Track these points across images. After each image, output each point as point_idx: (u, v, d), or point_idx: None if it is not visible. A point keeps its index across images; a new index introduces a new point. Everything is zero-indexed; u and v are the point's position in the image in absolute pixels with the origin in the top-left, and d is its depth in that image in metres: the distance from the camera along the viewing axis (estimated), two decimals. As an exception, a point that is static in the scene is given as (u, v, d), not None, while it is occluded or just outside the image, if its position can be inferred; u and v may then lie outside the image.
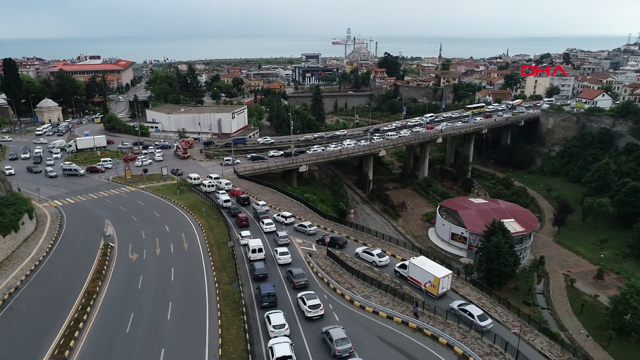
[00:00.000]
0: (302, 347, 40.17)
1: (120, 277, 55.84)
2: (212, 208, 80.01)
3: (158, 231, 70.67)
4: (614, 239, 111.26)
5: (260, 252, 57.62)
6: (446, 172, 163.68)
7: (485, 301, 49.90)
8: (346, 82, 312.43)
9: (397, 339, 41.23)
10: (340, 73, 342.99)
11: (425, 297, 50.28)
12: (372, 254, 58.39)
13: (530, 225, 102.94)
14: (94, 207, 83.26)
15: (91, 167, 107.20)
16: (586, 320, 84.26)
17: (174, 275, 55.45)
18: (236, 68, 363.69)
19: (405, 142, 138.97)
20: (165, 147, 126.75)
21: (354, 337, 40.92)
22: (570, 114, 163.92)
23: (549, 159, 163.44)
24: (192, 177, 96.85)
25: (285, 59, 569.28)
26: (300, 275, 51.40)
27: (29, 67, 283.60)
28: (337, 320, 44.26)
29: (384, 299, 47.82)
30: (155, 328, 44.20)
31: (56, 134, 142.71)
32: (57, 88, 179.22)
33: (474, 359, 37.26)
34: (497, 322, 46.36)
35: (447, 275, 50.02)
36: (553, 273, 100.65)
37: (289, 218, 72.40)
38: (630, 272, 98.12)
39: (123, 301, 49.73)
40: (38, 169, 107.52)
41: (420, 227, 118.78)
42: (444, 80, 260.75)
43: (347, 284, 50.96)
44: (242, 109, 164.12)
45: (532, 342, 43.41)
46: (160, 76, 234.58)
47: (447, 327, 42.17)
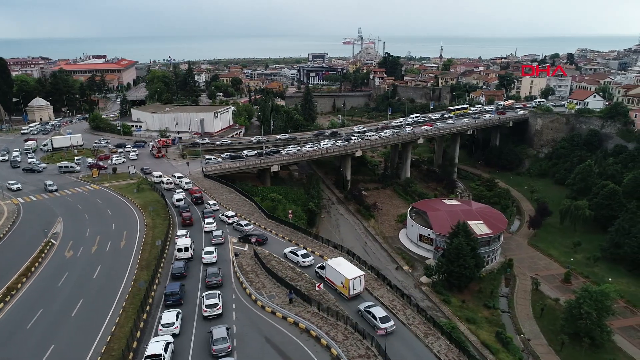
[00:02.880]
0: (187, 346, 40.42)
1: (47, 273, 56.77)
2: (164, 207, 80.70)
3: (103, 229, 71.61)
4: (590, 242, 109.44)
5: (186, 251, 57.95)
6: (433, 173, 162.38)
7: (397, 303, 49.42)
8: (347, 82, 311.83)
9: (282, 339, 41.23)
10: (343, 73, 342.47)
11: (338, 298, 50.10)
12: (297, 254, 58.34)
13: (499, 228, 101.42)
14: (53, 205, 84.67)
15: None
16: (545, 324, 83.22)
17: (98, 273, 56.15)
18: (237, 68, 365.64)
19: (382, 143, 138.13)
20: (140, 146, 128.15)
21: (242, 337, 41.05)
22: (559, 115, 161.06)
23: (537, 161, 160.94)
24: (155, 175, 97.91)
25: (293, 59, 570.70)
26: (212, 275, 51.65)
27: (33, 67, 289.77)
28: (233, 320, 44.41)
29: (287, 299, 47.73)
30: (56, 324, 44.87)
31: (41, 132, 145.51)
32: (50, 87, 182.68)
33: None
34: (403, 324, 45.93)
35: (358, 277, 49.60)
36: (521, 276, 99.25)
37: (231, 217, 72.78)
38: (600, 276, 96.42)
39: (38, 297, 50.56)
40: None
41: (392, 228, 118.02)
42: (442, 81, 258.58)
43: (259, 284, 51.03)
44: (227, 108, 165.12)
45: (431, 345, 42.89)
46: (157, 76, 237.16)
47: (334, 328, 41.92)
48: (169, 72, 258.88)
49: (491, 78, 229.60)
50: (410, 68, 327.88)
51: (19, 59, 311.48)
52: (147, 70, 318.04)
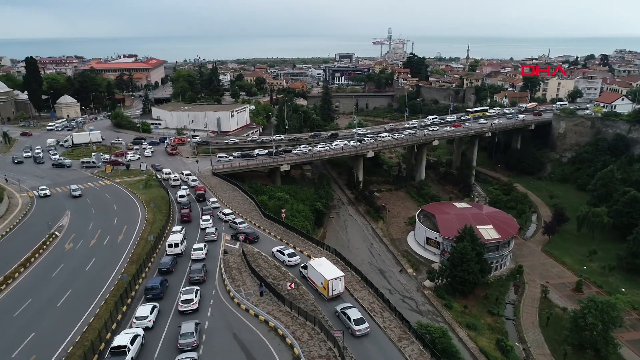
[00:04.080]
0: (159, 339, 41.34)
1: (44, 264, 59.06)
2: (167, 203, 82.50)
3: (105, 224, 73.89)
4: (607, 250, 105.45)
5: (176, 247, 59.23)
6: (450, 176, 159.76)
7: (376, 305, 49.07)
8: (371, 82, 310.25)
9: (249, 337, 41.72)
10: (367, 73, 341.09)
11: (318, 298, 50.21)
12: (283, 253, 58.68)
13: (508, 233, 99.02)
14: (64, 199, 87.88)
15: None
16: (550, 333, 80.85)
17: (91, 266, 58.04)
18: (262, 67, 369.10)
19: (396, 144, 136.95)
20: (156, 144, 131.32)
21: (212, 332, 41.76)
22: (583, 119, 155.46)
23: (559, 165, 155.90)
24: (165, 172, 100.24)
25: (321, 59, 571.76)
26: (195, 271, 52.63)
27: (67, 65, 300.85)
28: (208, 316, 45.21)
29: (264, 297, 48.10)
30: (41, 313, 46.68)
31: (66, 128, 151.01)
32: (78, 85, 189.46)
33: None
34: (378, 326, 45.62)
35: (337, 278, 49.47)
36: (531, 283, 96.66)
37: (228, 215, 73.80)
38: (614, 286, 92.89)
39: (31, 287, 52.67)
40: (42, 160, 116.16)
41: (401, 230, 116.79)
42: (467, 82, 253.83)
43: (240, 282, 51.63)
44: (243, 108, 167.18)
45: (403, 349, 42.42)
46: (182, 75, 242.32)
47: (301, 328, 41.99)
48: (193, 71, 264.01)
49: (517, 80, 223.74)
50: (435, 69, 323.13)
51: (55, 58, 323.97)
52: (173, 69, 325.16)
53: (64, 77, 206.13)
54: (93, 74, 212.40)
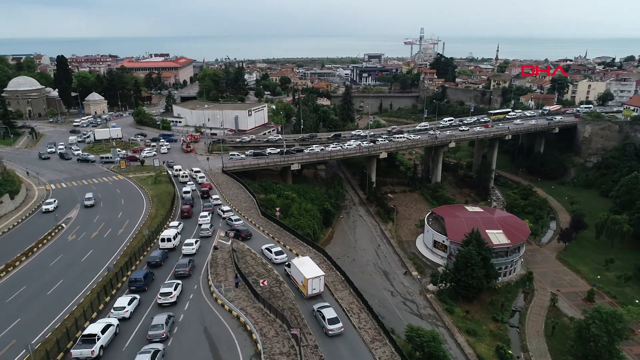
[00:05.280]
0: (133, 330, 42.61)
1: (45, 254, 61.63)
2: (172, 198, 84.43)
3: (110, 217, 76.38)
4: (626, 260, 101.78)
5: (168, 241, 60.73)
6: (469, 179, 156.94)
7: (355, 306, 48.93)
8: (397, 82, 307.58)
9: (219, 331, 42.52)
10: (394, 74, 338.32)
11: (299, 296, 50.54)
12: (271, 251, 59.21)
13: (518, 238, 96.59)
14: (78, 192, 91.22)
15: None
16: (555, 343, 78.81)
17: (87, 257, 60.21)
18: (288, 67, 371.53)
19: (410, 145, 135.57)
20: (172, 141, 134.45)
21: (184, 325, 42.76)
22: (610, 122, 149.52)
23: (583, 170, 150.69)
24: (175, 168, 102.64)
25: (350, 59, 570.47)
26: (181, 265, 53.85)
27: (101, 64, 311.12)
28: (184, 309, 46.27)
29: (241, 293, 48.75)
30: (30, 301, 48.82)
31: (91, 125, 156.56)
32: (106, 83, 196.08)
33: (265, 357, 37.41)
34: (354, 327, 45.55)
35: (317, 277, 49.59)
36: (541, 291, 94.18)
37: (226, 212, 75.00)
38: (629, 297, 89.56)
39: (27, 276, 55.09)
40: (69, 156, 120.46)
41: (411, 232, 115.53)
42: (494, 83, 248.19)
43: (222, 277, 52.49)
44: (261, 107, 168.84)
45: (374, 350, 42.22)
46: (208, 74, 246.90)
47: (269, 325, 42.33)
48: (219, 71, 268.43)
49: (545, 81, 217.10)
50: (463, 69, 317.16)
51: (90, 57, 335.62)
52: (200, 68, 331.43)
53: (93, 75, 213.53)
54: (121, 73, 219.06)
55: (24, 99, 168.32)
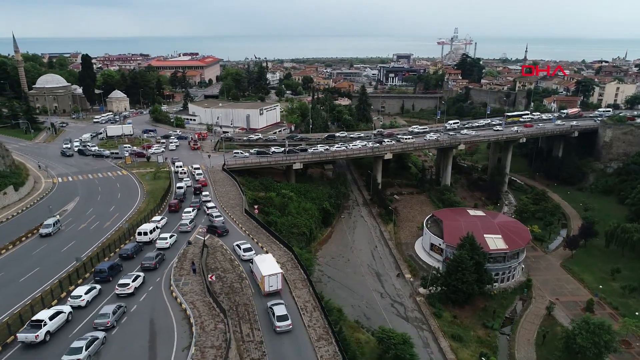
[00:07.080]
0: (85, 318, 44.29)
1: (31, 244, 64.54)
2: (164, 194, 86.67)
3: (102, 210, 79.18)
4: (635, 270, 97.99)
5: (145, 235, 62.52)
6: (482, 182, 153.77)
7: (310, 305, 49.05)
8: (421, 83, 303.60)
9: (164, 322, 43.55)
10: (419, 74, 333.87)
11: (257, 293, 51.18)
12: (240, 247, 59.97)
13: (517, 244, 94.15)
14: (81, 186, 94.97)
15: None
16: (544, 352, 77.06)
17: (69, 247, 62.72)
18: (312, 67, 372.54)
19: (417, 147, 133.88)
20: (182, 138, 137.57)
21: (133, 316, 44.04)
22: (633, 127, 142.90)
23: (603, 176, 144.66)
24: (176, 165, 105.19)
25: (379, 59, 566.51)
26: (147, 259, 55.39)
27: (132, 62, 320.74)
28: (140, 300, 47.68)
29: (197, 287, 49.70)
30: (7, 286, 51.29)
31: (110, 121, 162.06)
32: (130, 81, 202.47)
33: (196, 348, 38.20)
34: (304, 325, 45.79)
35: (274, 274, 49.93)
36: (539, 299, 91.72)
37: (210, 209, 76.37)
38: (633, 309, 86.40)
39: (7, 263, 57.75)
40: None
41: (412, 234, 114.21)
42: (520, 84, 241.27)
43: (185, 271, 53.66)
44: (274, 106, 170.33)
45: (319, 349, 42.35)
46: (230, 73, 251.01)
47: (212, 319, 43.00)
48: (242, 70, 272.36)
49: (571, 84, 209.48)
50: (489, 70, 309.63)
51: (122, 55, 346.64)
52: (223, 67, 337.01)
53: (117, 73, 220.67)
54: (146, 71, 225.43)
55: (51, 95, 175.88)
